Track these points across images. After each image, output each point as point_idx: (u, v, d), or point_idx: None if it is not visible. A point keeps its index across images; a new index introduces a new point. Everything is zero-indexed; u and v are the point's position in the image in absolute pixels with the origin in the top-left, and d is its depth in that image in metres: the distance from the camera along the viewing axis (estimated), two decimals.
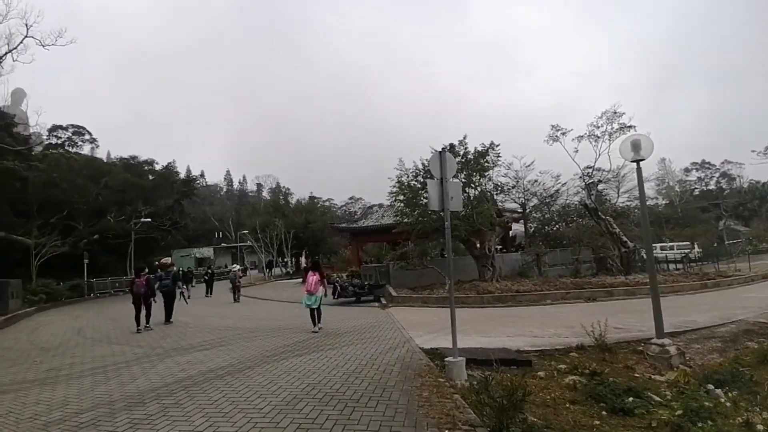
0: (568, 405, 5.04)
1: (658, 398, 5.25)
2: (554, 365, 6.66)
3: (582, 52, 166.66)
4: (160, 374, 6.24)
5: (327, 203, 76.53)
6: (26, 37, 18.58)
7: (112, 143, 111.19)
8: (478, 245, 17.73)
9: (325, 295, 10.68)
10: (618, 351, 7.31)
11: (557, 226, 26.72)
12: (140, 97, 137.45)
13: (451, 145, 17.71)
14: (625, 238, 19.38)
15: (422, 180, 18.48)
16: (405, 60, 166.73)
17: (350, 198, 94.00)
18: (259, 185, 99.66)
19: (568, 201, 25.86)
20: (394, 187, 19.60)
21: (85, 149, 37.44)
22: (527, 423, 3.94)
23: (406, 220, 19.20)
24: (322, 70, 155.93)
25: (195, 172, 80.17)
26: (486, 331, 9.29)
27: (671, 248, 33.47)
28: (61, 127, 36.23)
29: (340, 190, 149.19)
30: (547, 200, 24.91)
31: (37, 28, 37.27)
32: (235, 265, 22.56)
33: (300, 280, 31.56)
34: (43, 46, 19.41)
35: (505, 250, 24.46)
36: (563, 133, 20.23)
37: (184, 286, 17.14)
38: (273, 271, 39.33)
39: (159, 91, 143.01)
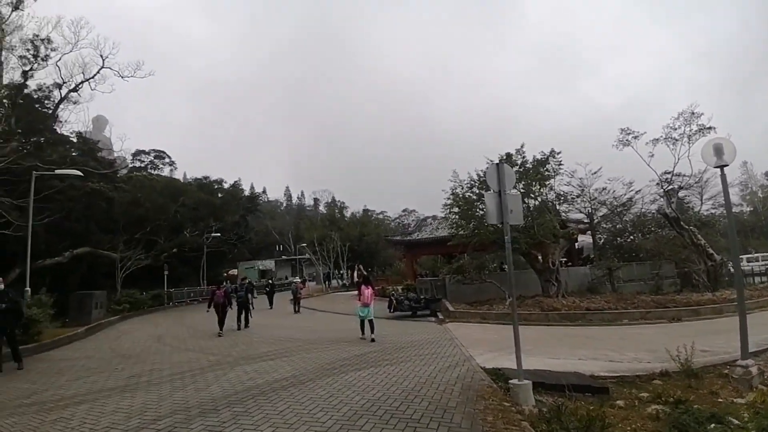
0: None
1: (737, 422, 4.78)
2: (635, 393, 6.07)
3: (653, 48, 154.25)
4: (230, 382, 6.59)
5: (381, 216, 77.54)
6: (102, 67, 21.18)
7: (186, 164, 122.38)
8: (540, 258, 16.84)
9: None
10: (704, 376, 6.60)
11: (631, 237, 24.58)
12: (208, 121, 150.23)
13: (508, 155, 17.15)
14: (711, 251, 17.34)
15: (477, 191, 18.07)
16: (457, 69, 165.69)
17: (403, 210, 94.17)
18: (315, 200, 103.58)
19: (643, 210, 23.75)
20: (449, 199, 19.38)
21: (165, 171, 41.60)
22: None
23: (461, 232, 18.82)
24: (375, 84, 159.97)
25: (258, 189, 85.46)
26: (554, 352, 8.69)
27: (756, 260, 29.70)
28: (144, 151, 40.50)
29: (393, 203, 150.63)
30: (619, 209, 23.06)
31: (114, 60, 42.01)
32: (296, 278, 23.55)
33: (356, 292, 32.15)
34: (122, 77, 22.04)
35: (570, 264, 22.97)
36: (635, 137, 18.68)
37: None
38: (330, 283, 40.40)
39: (225, 114, 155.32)
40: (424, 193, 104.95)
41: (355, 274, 39.25)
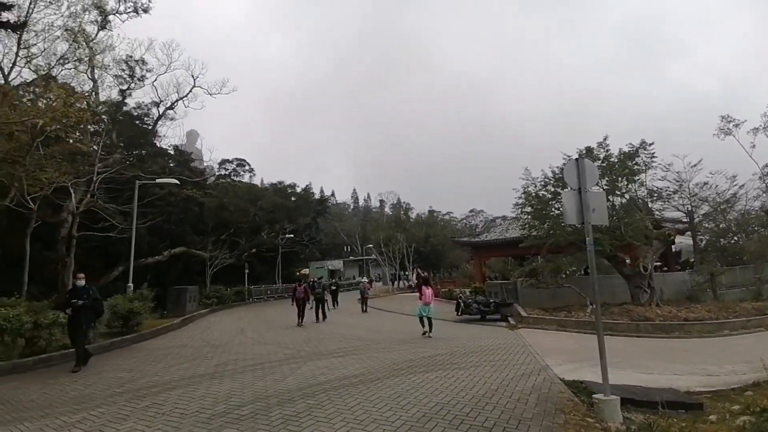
0: None
1: None
2: (727, 406, 5.49)
3: (752, 24, 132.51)
4: (304, 375, 6.90)
5: (447, 217, 76.39)
6: (194, 87, 23.47)
7: (262, 171, 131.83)
8: (628, 262, 15.27)
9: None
10: None
11: (735, 238, 21.32)
12: (281, 129, 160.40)
13: (588, 149, 15.82)
14: None
15: (552, 189, 16.94)
16: (529, 60, 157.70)
17: (471, 211, 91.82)
18: (381, 201, 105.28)
19: (747, 207, 20.49)
20: (520, 198, 18.41)
21: (246, 178, 45.41)
22: None
23: (534, 233, 17.79)
24: (442, 83, 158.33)
25: (327, 193, 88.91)
26: (645, 365, 7.80)
27: None
28: (228, 160, 44.40)
29: (459, 204, 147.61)
30: (722, 207, 20.13)
31: (203, 79, 46.42)
32: (363, 277, 24.06)
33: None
34: (210, 94, 24.29)
35: (666, 269, 20.52)
36: (736, 125, 16.21)
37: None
38: (397, 284, 40.75)
39: (296, 121, 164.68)
40: (492, 193, 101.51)
41: (414, 277, 39.11)
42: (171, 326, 14.09)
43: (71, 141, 15.40)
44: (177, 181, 17.05)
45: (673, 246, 20.90)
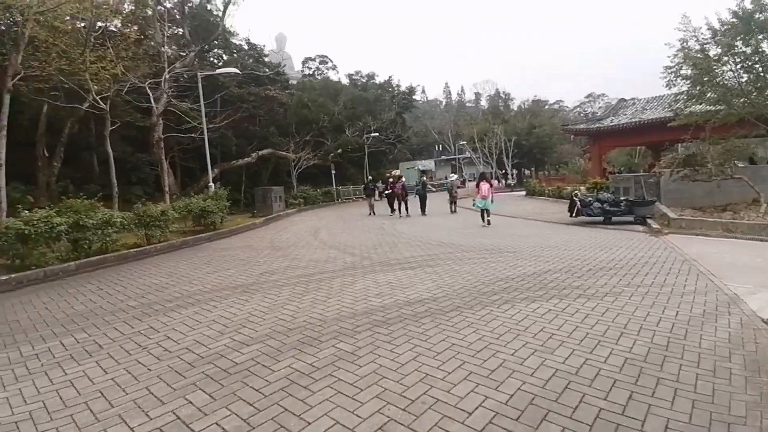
0: None
1: None
2: None
3: None
4: (354, 296, 5.11)
5: (555, 107, 65.64)
6: None
7: (345, 68, 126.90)
8: None
9: (492, 201, 12.62)
10: None
11: None
12: (363, 20, 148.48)
13: None
14: None
15: (728, 42, 11.24)
16: None
17: (587, 96, 77.60)
18: (476, 94, 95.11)
19: None
20: (675, 55, 12.89)
21: (331, 75, 43.13)
22: None
23: (691, 108, 12.66)
24: None
25: (417, 90, 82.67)
26: None
27: None
28: (310, 58, 42.12)
29: (571, 92, 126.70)
30: None
31: None
32: (452, 175, 21.28)
33: (523, 192, 28.37)
34: None
35: None
36: None
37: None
38: (494, 183, 37.07)
39: (379, 13, 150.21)
40: (615, 75, 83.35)
41: (511, 174, 34.58)
42: (251, 226, 13.79)
43: (132, 38, 14.39)
44: (237, 70, 15.42)
45: None
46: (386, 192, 17.76)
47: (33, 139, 15.77)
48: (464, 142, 42.06)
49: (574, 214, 12.27)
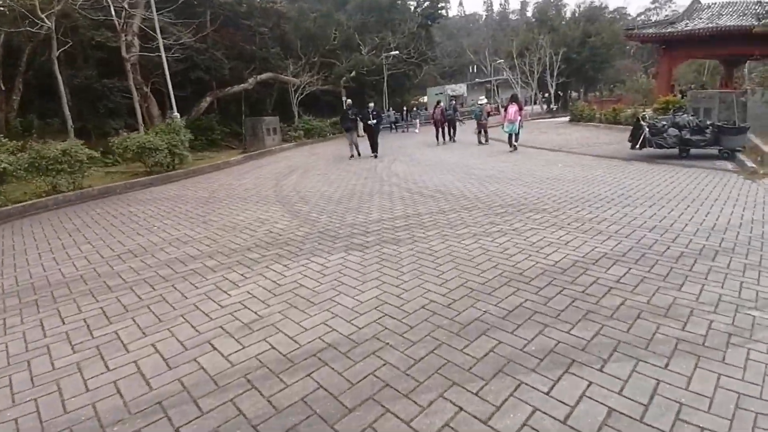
0: None
1: None
2: None
3: None
4: (192, 335, 2.71)
5: (614, 15, 55.36)
6: None
7: None
8: None
9: (521, 125, 12.33)
10: None
11: None
12: None
13: None
14: None
15: None
16: None
17: (654, 2, 65.18)
18: (523, 2, 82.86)
19: None
20: None
21: None
22: None
23: None
24: None
25: (453, 2, 72.77)
26: None
27: None
28: None
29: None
30: None
31: None
32: (482, 99, 17.42)
33: (567, 118, 23.93)
34: None
35: None
36: None
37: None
38: (534, 108, 32.05)
39: None
40: None
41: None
42: (221, 165, 11.48)
43: None
44: None
45: None
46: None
47: None
48: (501, 60, 36.26)
49: (638, 145, 8.90)
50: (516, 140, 11.82)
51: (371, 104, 13.05)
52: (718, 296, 2.57)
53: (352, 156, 11.90)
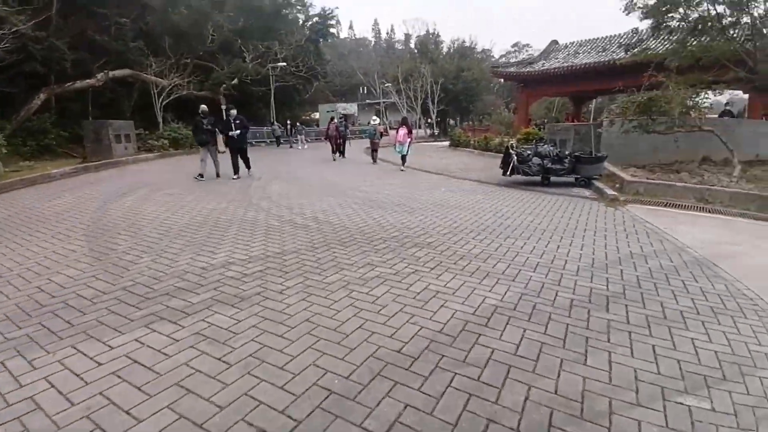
0: None
1: None
2: None
3: None
4: None
5: (480, 56, 63.12)
6: None
7: None
8: None
9: (409, 147, 12.67)
10: None
11: None
12: None
13: None
14: None
15: None
16: None
17: (513, 45, 76.14)
18: (406, 35, 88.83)
19: None
20: None
21: None
22: None
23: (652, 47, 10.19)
24: None
25: (343, 25, 74.21)
26: None
27: None
28: None
29: (498, 42, 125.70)
30: None
31: None
32: (375, 119, 17.22)
33: (447, 143, 25.65)
34: None
35: None
36: None
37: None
38: (418, 132, 33.80)
39: None
40: (543, 25, 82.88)
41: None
42: (41, 178, 8.77)
43: None
44: None
45: None
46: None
47: None
48: (388, 84, 37.73)
49: (509, 172, 9.38)
50: (404, 162, 12.45)
51: (233, 110, 10.11)
52: (633, 372, 2.15)
53: (198, 176, 9.41)
